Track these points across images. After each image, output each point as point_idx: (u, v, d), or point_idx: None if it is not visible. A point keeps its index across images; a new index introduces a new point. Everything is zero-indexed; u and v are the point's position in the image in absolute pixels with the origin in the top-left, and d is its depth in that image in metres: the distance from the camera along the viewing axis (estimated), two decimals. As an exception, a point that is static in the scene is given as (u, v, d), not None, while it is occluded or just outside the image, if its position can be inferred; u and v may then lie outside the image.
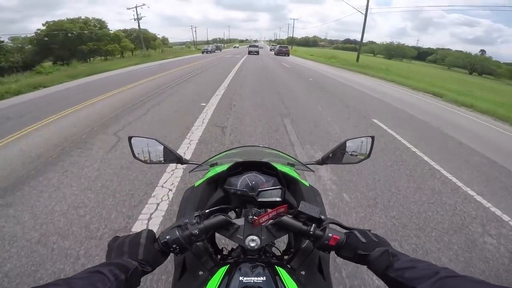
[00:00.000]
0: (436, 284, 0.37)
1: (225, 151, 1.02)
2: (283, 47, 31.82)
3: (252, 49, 30.61)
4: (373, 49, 71.61)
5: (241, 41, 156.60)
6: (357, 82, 10.70)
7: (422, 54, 71.68)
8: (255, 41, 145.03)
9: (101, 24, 29.97)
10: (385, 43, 66.78)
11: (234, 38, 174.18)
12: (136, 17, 25.59)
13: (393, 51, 61.53)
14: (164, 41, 54.93)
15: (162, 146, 0.84)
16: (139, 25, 26.58)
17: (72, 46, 25.68)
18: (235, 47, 72.10)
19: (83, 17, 28.28)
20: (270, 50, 46.87)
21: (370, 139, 0.85)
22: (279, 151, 1.03)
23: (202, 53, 32.47)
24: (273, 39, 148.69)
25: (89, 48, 27.33)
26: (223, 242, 1.37)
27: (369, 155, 0.87)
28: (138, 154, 0.86)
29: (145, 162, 0.87)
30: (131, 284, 0.43)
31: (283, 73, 12.07)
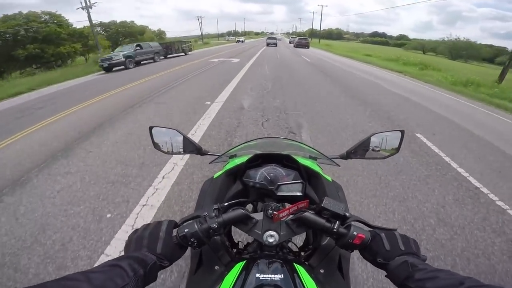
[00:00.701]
0: None
1: (244, 143, 1.08)
2: (302, 39, 33.16)
3: (270, 41, 33.77)
4: (423, 45, 57.42)
5: (257, 34, 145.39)
6: None
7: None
8: (272, 33, 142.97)
9: (57, 19, 20.02)
10: (447, 39, 52.70)
11: (249, 31, 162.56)
12: (85, 4, 15.50)
13: (463, 50, 48.18)
14: (160, 34, 45.46)
15: (182, 137, 0.92)
16: (89, 16, 16.57)
17: (14, 51, 20.59)
18: (238, 41, 53.83)
19: (25, 11, 23.08)
20: (290, 42, 47.33)
21: (399, 133, 0.87)
22: (301, 143, 1.06)
23: (102, 67, 13.06)
24: (290, 32, 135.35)
25: (29, 53, 17.59)
26: (239, 236, 1.33)
27: (397, 150, 0.89)
28: (158, 144, 0.94)
29: (164, 152, 0.95)
30: (149, 279, 0.47)
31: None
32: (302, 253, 0.74)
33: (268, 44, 32.51)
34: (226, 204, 0.61)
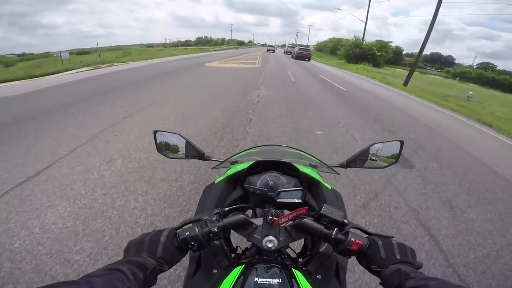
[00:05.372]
0: None
1: (246, 150, 1.21)
2: (303, 50, 31.47)
3: (270, 48, 49.23)
4: None
5: (241, 44, 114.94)
6: None
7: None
8: (264, 44, 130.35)
9: None
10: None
11: (232, 39, 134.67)
12: None
13: None
14: None
15: (185, 141, 1.04)
16: None
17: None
18: None
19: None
20: (285, 53, 45.08)
21: (398, 143, 1.00)
22: (301, 151, 1.18)
23: None
24: (287, 44, 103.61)
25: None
26: (238, 240, 1.25)
27: (397, 160, 1.01)
28: (162, 148, 1.08)
29: (167, 156, 1.09)
30: (149, 282, 0.52)
31: None
32: (300, 259, 0.85)
33: (268, 51, 44.83)
34: (226, 209, 0.70)
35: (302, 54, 29.47)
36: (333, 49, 59.82)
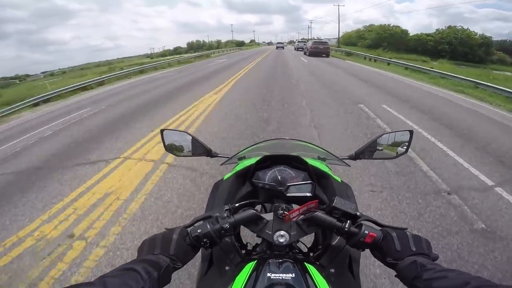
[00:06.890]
0: None
1: (254, 144, 1.24)
2: (319, 43, 26.85)
3: (278, 45, 51.95)
4: None
5: (240, 45, 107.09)
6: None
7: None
8: (270, 43, 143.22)
9: None
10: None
11: (231, 40, 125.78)
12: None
13: None
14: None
15: (191, 138, 1.08)
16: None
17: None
18: None
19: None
20: (296, 49, 38.80)
21: (408, 133, 1.01)
22: (310, 143, 1.21)
23: None
24: (294, 40, 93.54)
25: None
26: (248, 237, 1.48)
27: (406, 151, 1.03)
28: (169, 146, 1.11)
29: (175, 154, 1.14)
30: (163, 281, 0.54)
31: None
32: (311, 254, 0.87)
33: (277, 48, 47.68)
34: (237, 205, 0.73)
35: (318, 50, 24.56)
36: (375, 41, 38.43)
